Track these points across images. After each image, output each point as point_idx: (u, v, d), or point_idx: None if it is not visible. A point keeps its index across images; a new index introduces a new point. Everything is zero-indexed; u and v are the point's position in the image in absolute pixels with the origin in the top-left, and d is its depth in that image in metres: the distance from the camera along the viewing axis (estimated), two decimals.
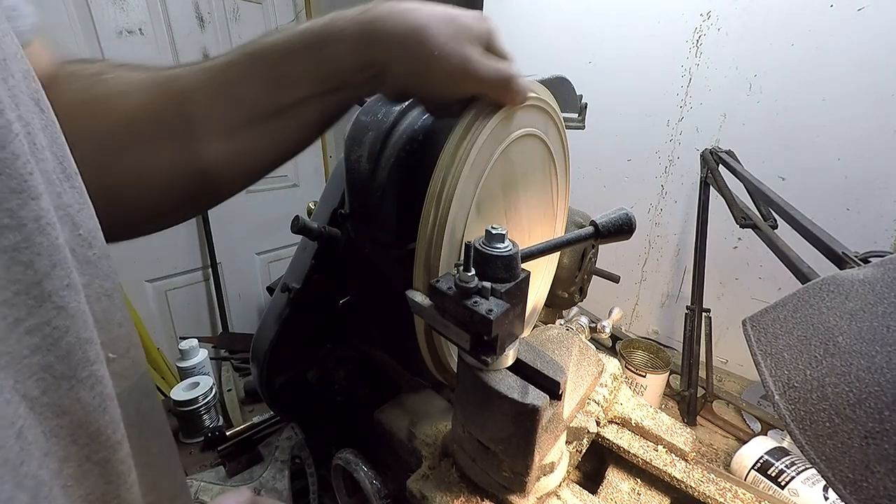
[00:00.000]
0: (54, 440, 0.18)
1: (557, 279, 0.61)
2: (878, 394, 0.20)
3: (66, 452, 0.19)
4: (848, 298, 0.25)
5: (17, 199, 0.17)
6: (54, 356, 0.18)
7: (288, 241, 1.85)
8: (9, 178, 0.16)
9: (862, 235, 0.84)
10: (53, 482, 0.17)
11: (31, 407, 0.17)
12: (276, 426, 0.69)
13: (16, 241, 0.17)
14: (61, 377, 0.18)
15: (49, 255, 0.18)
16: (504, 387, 0.32)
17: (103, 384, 0.21)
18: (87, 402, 0.19)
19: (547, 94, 0.42)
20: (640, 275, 1.22)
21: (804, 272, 0.43)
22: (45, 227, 0.18)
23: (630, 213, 0.35)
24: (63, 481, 0.18)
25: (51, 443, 0.18)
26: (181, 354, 0.91)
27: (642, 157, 1.14)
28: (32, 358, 0.17)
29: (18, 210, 0.17)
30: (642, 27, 1.06)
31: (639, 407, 0.52)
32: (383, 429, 0.49)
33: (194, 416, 0.79)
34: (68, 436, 0.19)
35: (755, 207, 0.65)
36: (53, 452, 0.18)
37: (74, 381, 0.19)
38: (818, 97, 0.85)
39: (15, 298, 0.17)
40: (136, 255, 1.42)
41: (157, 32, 1.37)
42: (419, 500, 0.39)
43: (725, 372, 1.05)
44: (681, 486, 0.44)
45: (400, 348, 0.51)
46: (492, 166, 0.37)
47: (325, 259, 0.48)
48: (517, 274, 0.31)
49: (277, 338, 0.51)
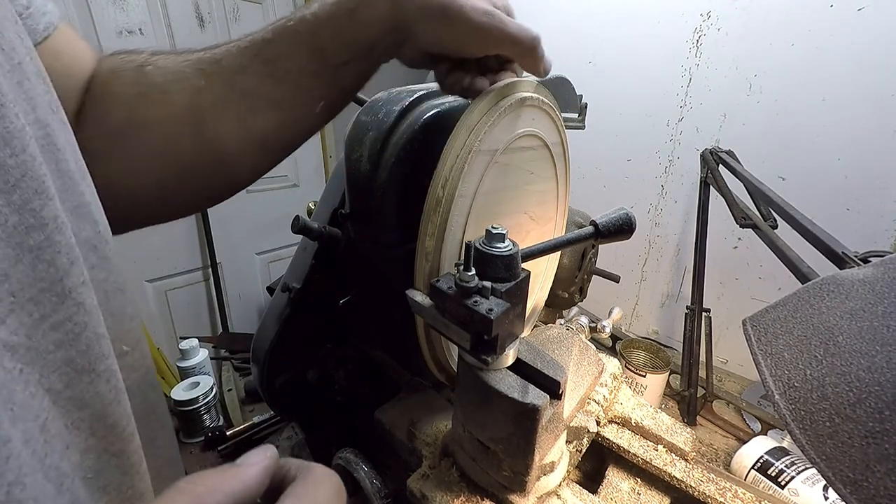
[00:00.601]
0: (76, 432, 0.19)
1: (557, 279, 0.61)
2: (879, 393, 0.20)
3: (86, 444, 0.19)
4: (848, 298, 0.25)
5: (38, 199, 0.17)
6: (76, 351, 0.19)
7: (288, 241, 1.85)
8: (31, 179, 0.17)
9: (862, 235, 0.84)
10: (75, 474, 0.18)
11: (55, 400, 0.18)
12: (276, 426, 0.70)
13: (39, 240, 0.17)
14: (82, 371, 0.19)
15: (67, 254, 0.18)
16: (504, 386, 0.32)
17: (117, 377, 0.21)
18: (104, 394, 0.20)
19: (547, 93, 0.42)
20: (640, 275, 1.22)
21: (804, 272, 0.43)
22: (61, 225, 0.18)
23: (630, 213, 0.35)
24: (83, 473, 0.19)
25: (72, 435, 0.18)
26: (181, 354, 0.91)
27: (642, 157, 1.14)
28: (56, 353, 0.18)
29: (41, 210, 0.17)
30: (642, 27, 1.06)
31: (639, 407, 0.52)
32: (383, 429, 0.49)
33: (194, 415, 0.79)
34: (88, 428, 0.19)
35: (755, 207, 0.65)
36: (75, 444, 0.18)
37: (94, 375, 0.19)
38: (818, 97, 0.85)
39: (41, 295, 0.17)
40: (136, 255, 1.42)
41: (157, 32, 1.37)
42: (419, 499, 0.39)
43: (725, 372, 1.05)
44: (681, 485, 0.44)
45: (400, 348, 0.51)
46: (492, 166, 0.37)
47: (325, 259, 0.48)
48: (517, 273, 0.31)
49: (278, 338, 0.51)
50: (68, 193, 0.20)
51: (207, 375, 0.89)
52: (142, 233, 0.36)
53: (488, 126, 0.34)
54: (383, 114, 0.40)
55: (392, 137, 0.39)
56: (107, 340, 0.21)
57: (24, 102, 0.18)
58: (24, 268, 0.17)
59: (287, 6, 1.68)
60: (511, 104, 0.36)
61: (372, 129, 0.39)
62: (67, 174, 0.20)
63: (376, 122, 0.40)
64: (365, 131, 0.40)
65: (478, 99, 0.35)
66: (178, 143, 0.32)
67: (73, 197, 0.21)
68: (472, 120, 0.34)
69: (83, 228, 0.21)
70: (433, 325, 0.32)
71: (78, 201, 0.21)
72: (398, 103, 0.40)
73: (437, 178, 0.34)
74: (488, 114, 0.35)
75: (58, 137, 0.20)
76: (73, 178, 0.21)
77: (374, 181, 0.39)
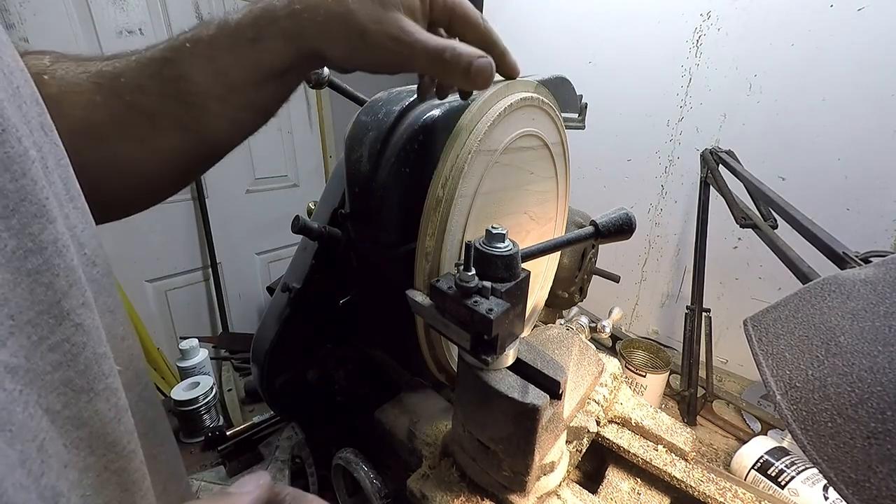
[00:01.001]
0: (74, 451, 0.19)
1: (557, 279, 0.61)
2: (881, 394, 0.20)
3: (85, 463, 0.19)
4: (849, 298, 0.25)
5: (38, 223, 0.18)
6: (74, 371, 0.19)
7: (288, 241, 1.85)
8: (31, 203, 0.17)
9: (862, 235, 0.84)
10: (72, 493, 0.18)
11: (53, 420, 0.18)
12: (276, 426, 0.69)
13: (37, 264, 0.18)
14: (80, 391, 0.19)
15: (66, 276, 0.19)
16: (504, 386, 0.32)
17: (118, 396, 0.21)
18: (104, 413, 0.20)
19: (547, 93, 0.42)
20: (640, 275, 1.22)
21: (804, 272, 0.42)
22: (61, 249, 0.19)
23: (630, 213, 0.35)
24: (82, 491, 0.19)
25: (71, 454, 0.19)
26: (181, 354, 0.90)
27: (642, 157, 1.14)
28: (54, 374, 0.18)
29: (39, 234, 0.18)
30: (642, 27, 1.06)
31: (639, 407, 0.52)
32: (383, 428, 0.49)
33: (194, 415, 0.79)
34: (87, 447, 0.19)
35: (755, 207, 0.65)
36: (73, 463, 0.19)
37: (93, 394, 0.20)
38: (818, 97, 0.85)
39: (38, 318, 0.17)
40: (136, 255, 1.42)
41: (157, 32, 1.36)
42: (419, 499, 0.39)
43: (725, 372, 1.05)
44: (681, 485, 0.44)
45: (400, 348, 0.51)
46: (492, 166, 0.37)
47: (325, 259, 0.48)
48: (517, 273, 0.31)
49: (278, 338, 0.51)
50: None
51: (207, 375, 0.89)
52: (142, 233, 0.37)
53: (488, 126, 0.34)
54: (383, 114, 0.40)
55: (392, 137, 0.39)
56: (108, 360, 0.21)
57: (25, 126, 0.19)
58: (23, 291, 0.17)
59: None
60: (511, 104, 0.36)
61: (372, 129, 0.39)
62: (56, 196, 0.20)
63: (376, 122, 0.39)
64: (365, 131, 0.40)
65: (478, 99, 0.35)
66: (77, 158, 0.30)
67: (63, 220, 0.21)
68: (472, 120, 0.34)
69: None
70: (433, 325, 0.32)
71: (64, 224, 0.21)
72: (398, 103, 0.40)
73: (437, 178, 0.34)
74: (488, 114, 0.35)
75: (48, 159, 0.21)
76: (60, 201, 0.21)
77: (374, 181, 0.39)
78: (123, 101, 0.30)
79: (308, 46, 0.29)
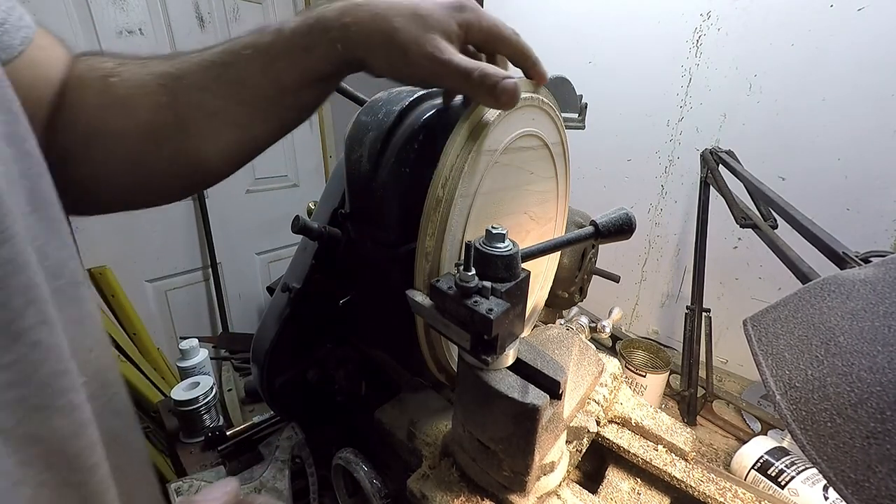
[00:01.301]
0: (28, 468, 0.18)
1: (557, 279, 0.61)
2: (880, 394, 0.20)
3: (41, 479, 0.19)
4: (849, 298, 0.25)
5: None
6: (28, 389, 0.18)
7: (288, 241, 1.85)
8: None
9: (862, 235, 0.84)
10: None
11: (6, 439, 0.18)
12: (276, 426, 0.69)
13: None
14: (36, 408, 0.19)
15: (23, 294, 0.18)
16: (504, 386, 0.32)
17: (80, 410, 0.21)
18: (62, 429, 0.20)
19: (547, 94, 0.42)
20: (640, 275, 1.22)
21: (804, 272, 0.42)
22: (19, 267, 0.18)
23: (630, 213, 0.35)
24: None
25: (24, 471, 0.18)
26: (181, 354, 0.90)
27: (642, 157, 1.14)
28: (8, 393, 0.18)
29: None
30: (642, 27, 1.06)
31: (639, 407, 0.52)
32: (383, 429, 0.49)
33: (194, 415, 0.79)
34: (43, 463, 0.19)
35: (755, 207, 0.65)
36: (27, 481, 0.18)
37: (50, 411, 0.19)
38: (818, 97, 0.85)
39: None
40: (136, 255, 1.42)
41: (157, 32, 1.37)
42: (419, 499, 0.39)
43: (725, 372, 1.05)
44: (681, 485, 0.44)
45: (400, 348, 0.51)
46: (492, 166, 0.37)
47: (325, 259, 0.48)
48: (517, 273, 0.31)
49: (277, 338, 0.51)
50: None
51: (207, 375, 0.89)
52: (142, 233, 0.37)
53: (489, 126, 0.34)
54: (383, 114, 0.40)
55: (392, 137, 0.39)
56: (69, 375, 0.20)
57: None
58: None
59: (287, 6, 1.68)
60: None
61: (372, 129, 0.39)
62: (18, 207, 0.20)
63: (376, 122, 0.39)
64: (365, 131, 0.40)
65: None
66: (141, 156, 0.33)
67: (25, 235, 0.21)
68: (472, 120, 0.34)
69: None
70: (433, 325, 0.32)
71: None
72: (398, 103, 0.40)
73: (437, 178, 0.34)
74: (488, 114, 0.35)
75: (13, 172, 0.20)
76: (22, 214, 0.20)
77: (374, 181, 0.39)
78: (188, 102, 0.32)
79: (353, 56, 0.31)
